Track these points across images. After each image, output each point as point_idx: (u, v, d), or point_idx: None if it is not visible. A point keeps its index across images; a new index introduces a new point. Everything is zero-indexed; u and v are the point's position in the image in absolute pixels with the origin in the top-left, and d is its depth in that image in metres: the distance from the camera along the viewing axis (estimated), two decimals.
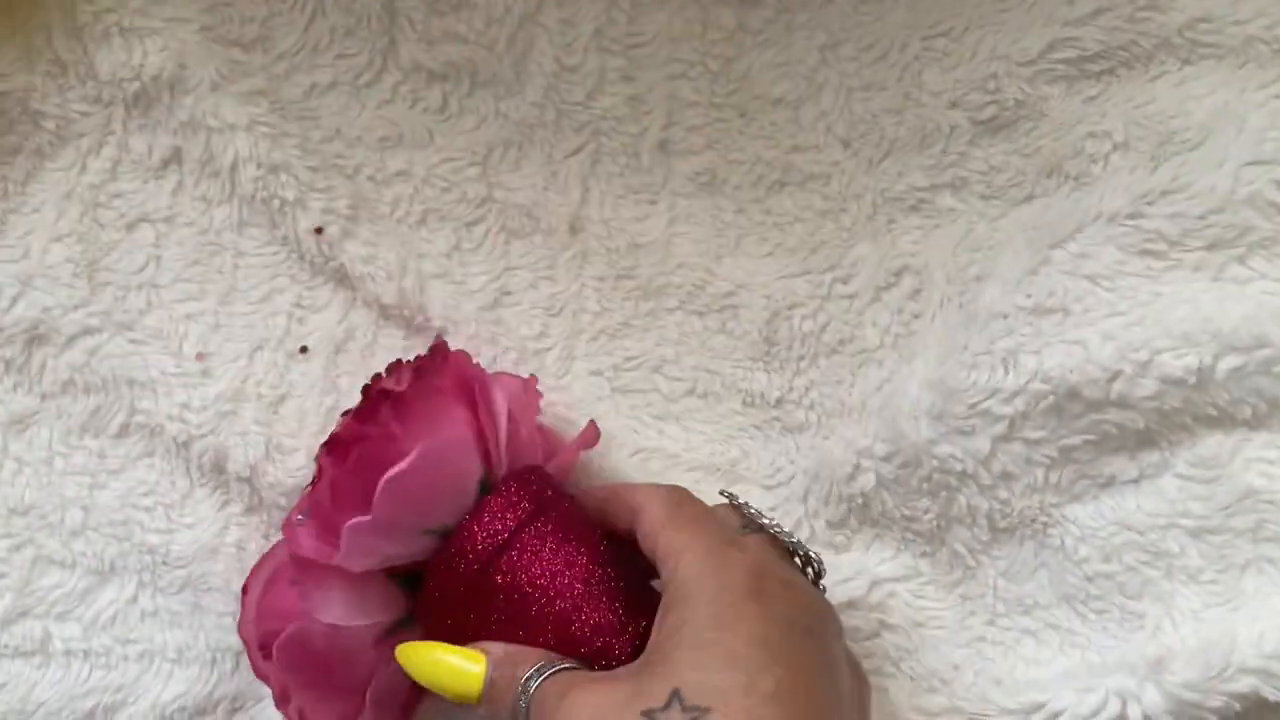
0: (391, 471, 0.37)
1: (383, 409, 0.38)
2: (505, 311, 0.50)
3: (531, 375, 0.45)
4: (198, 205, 0.50)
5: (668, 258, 0.51)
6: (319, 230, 0.49)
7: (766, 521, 0.38)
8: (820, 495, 0.46)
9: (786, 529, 0.39)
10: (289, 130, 0.50)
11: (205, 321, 0.49)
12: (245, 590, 0.42)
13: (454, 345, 0.44)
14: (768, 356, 0.49)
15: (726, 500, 0.40)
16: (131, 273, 0.50)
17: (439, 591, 0.39)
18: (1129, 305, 0.42)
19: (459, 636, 0.39)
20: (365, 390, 0.42)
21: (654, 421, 0.49)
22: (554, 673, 0.36)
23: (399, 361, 0.42)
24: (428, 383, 0.40)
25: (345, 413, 0.44)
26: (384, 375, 0.42)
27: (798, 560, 0.39)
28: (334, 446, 0.38)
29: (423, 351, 0.43)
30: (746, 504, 0.39)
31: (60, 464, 0.48)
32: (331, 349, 0.49)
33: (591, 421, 0.45)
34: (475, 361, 0.43)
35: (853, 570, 0.45)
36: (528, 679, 0.36)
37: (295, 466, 0.46)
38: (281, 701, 0.40)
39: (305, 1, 0.51)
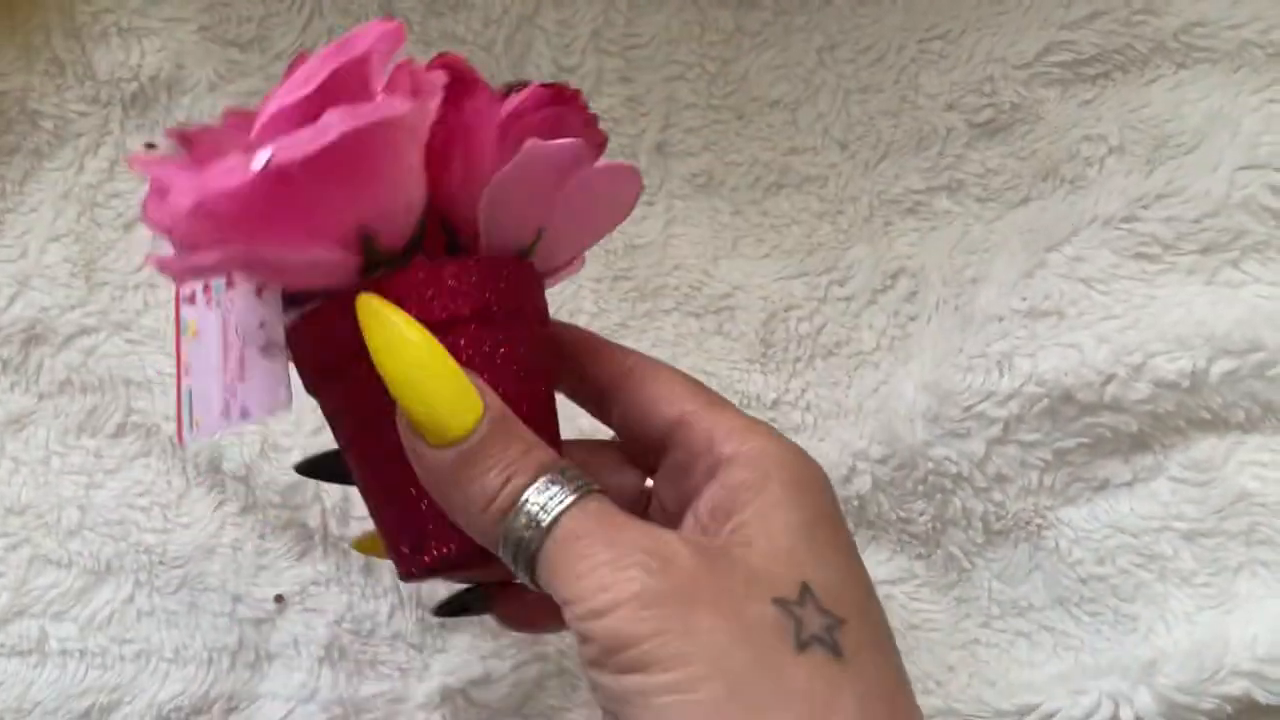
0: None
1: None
2: None
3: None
4: None
5: (665, 259, 0.51)
6: None
7: None
8: None
9: None
10: None
11: None
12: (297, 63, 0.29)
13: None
14: (764, 358, 0.49)
15: None
16: (128, 273, 0.50)
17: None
18: (1123, 308, 0.42)
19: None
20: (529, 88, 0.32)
21: None
22: (591, 494, 0.27)
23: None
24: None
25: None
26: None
27: None
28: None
29: None
30: None
31: (57, 463, 0.48)
32: None
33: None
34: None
35: None
36: (552, 486, 0.27)
37: (290, 465, 0.46)
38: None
39: (303, 1, 0.51)
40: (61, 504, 0.47)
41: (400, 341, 0.27)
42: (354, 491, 0.44)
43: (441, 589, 0.41)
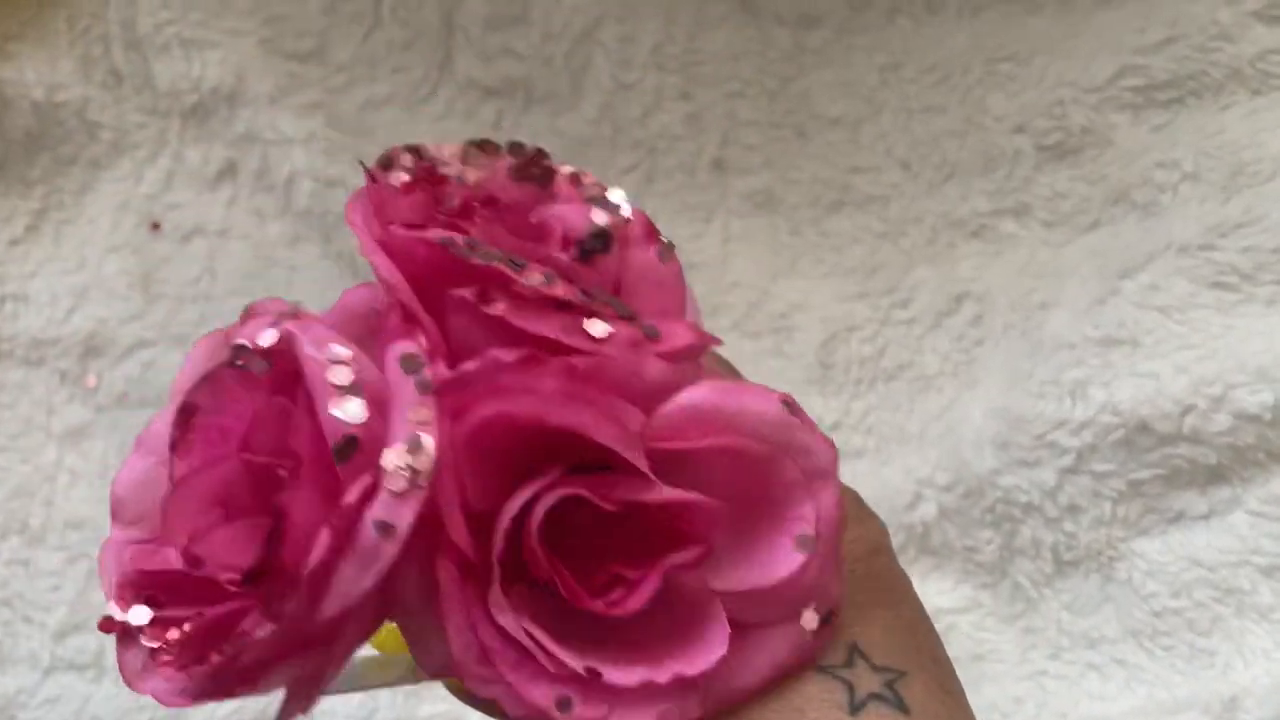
0: None
1: None
2: None
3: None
4: (252, 219, 0.50)
5: (722, 277, 0.51)
6: None
7: None
8: None
9: None
10: (345, 144, 0.50)
11: None
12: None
13: None
14: (823, 380, 0.49)
15: None
16: (185, 285, 0.50)
17: None
18: (1201, 338, 0.42)
19: None
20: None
21: None
22: None
23: None
24: None
25: None
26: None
27: None
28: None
29: None
30: None
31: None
32: None
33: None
34: None
35: None
36: None
37: None
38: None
39: (363, 14, 0.51)
40: None
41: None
42: None
43: None
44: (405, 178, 0.22)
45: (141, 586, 0.21)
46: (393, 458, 0.19)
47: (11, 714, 0.44)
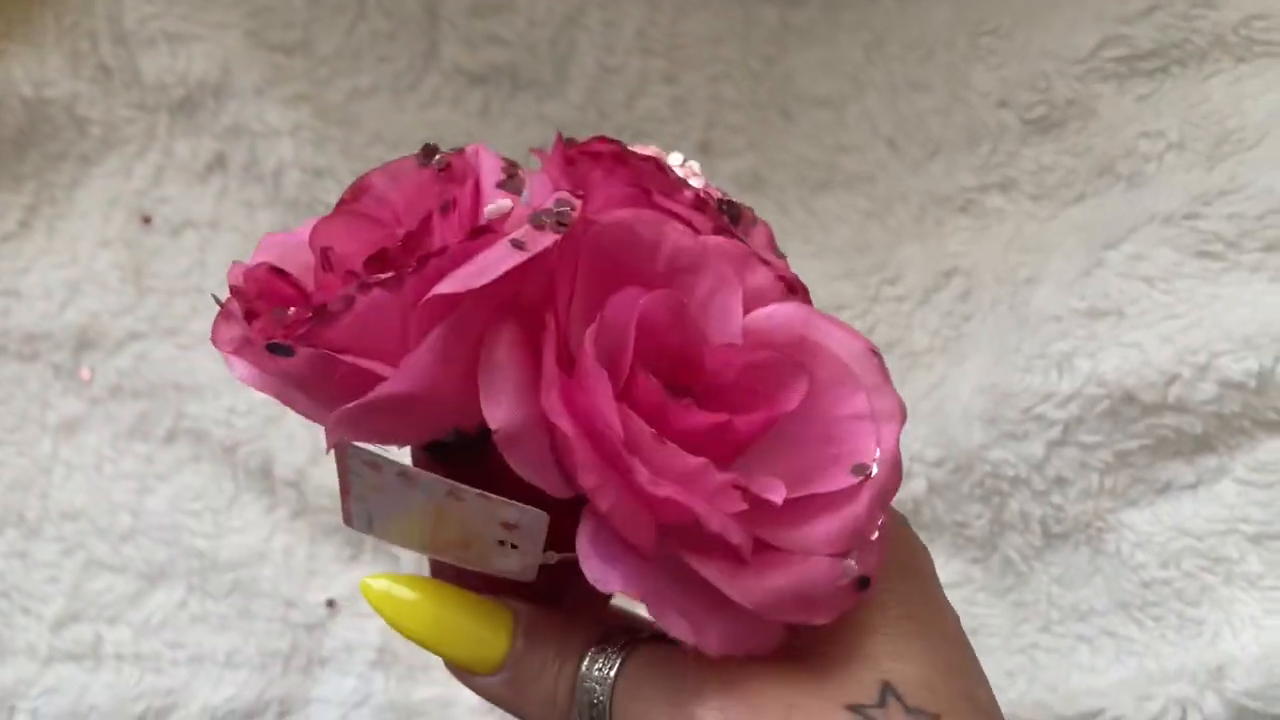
0: None
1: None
2: None
3: None
4: (242, 210, 0.51)
5: None
6: None
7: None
8: None
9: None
10: (332, 134, 0.50)
11: None
12: None
13: None
14: None
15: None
16: (177, 277, 0.50)
17: None
18: (1186, 307, 0.41)
19: None
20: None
21: None
22: (635, 649, 0.26)
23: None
24: None
25: None
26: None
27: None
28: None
29: None
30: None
31: (109, 469, 0.48)
32: None
33: None
34: None
35: None
36: (598, 659, 0.26)
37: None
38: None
39: (346, 5, 0.51)
40: (114, 509, 0.47)
41: (407, 611, 0.27)
42: None
43: None
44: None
45: (262, 284, 0.24)
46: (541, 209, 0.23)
47: (11, 704, 0.44)
